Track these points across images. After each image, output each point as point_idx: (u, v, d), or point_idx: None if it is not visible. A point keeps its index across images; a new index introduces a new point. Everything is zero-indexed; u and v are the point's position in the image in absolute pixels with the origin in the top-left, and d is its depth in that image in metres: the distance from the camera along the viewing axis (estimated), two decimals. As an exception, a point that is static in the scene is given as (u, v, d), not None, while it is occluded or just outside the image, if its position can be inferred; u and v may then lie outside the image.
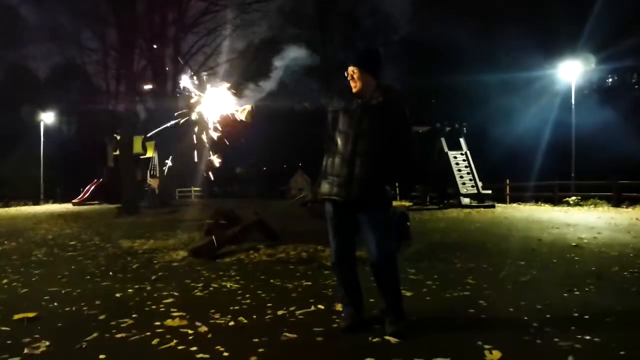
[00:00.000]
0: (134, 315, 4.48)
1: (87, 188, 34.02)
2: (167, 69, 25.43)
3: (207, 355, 3.47)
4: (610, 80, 40.04)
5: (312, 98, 4.26)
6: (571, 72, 27.33)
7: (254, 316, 4.42)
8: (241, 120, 4.26)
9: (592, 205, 20.48)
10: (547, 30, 33.53)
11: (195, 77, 4.44)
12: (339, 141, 3.92)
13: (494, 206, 21.00)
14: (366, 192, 3.84)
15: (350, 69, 3.92)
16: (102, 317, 4.46)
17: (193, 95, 4.47)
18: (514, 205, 22.98)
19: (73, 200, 32.15)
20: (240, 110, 4.21)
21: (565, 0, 35.21)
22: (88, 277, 6.52)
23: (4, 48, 32.74)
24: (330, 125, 4.01)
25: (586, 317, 4.30)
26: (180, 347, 3.64)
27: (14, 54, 34.60)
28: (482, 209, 19.88)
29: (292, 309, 4.62)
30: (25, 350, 3.61)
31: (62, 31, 27.45)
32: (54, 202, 34.41)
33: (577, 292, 5.25)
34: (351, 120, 3.88)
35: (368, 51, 4.07)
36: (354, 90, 3.93)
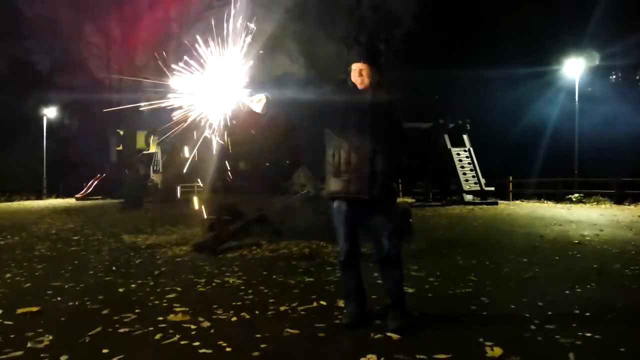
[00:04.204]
0: (137, 310, 4.49)
1: (90, 183, 34.09)
2: (170, 63, 25.39)
3: (209, 351, 3.48)
4: (613, 77, 39.95)
5: (316, 92, 4.21)
6: (575, 68, 27.29)
7: (257, 312, 4.44)
8: (254, 112, 3.98)
9: (595, 203, 20.48)
10: (551, 27, 33.45)
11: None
12: (354, 138, 3.88)
13: (496, 203, 20.99)
14: (384, 189, 3.86)
15: (359, 65, 3.91)
16: (105, 311, 4.48)
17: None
18: (517, 202, 22.96)
19: (76, 195, 32.21)
20: (256, 100, 3.89)
21: (569, -4, 35.12)
22: (91, 271, 6.54)
23: (6, 41, 32.74)
24: (338, 122, 3.96)
25: (587, 314, 4.31)
26: (183, 342, 3.66)
27: (16, 47, 34.58)
28: (485, 206, 19.88)
29: (294, 304, 4.64)
30: (29, 344, 3.63)
31: (64, 25, 27.40)
32: (57, 196, 34.47)
33: (578, 289, 5.25)
34: (364, 116, 3.86)
35: (373, 47, 4.07)
36: (360, 86, 3.93)
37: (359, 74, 3.92)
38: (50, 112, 39.19)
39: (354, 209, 3.94)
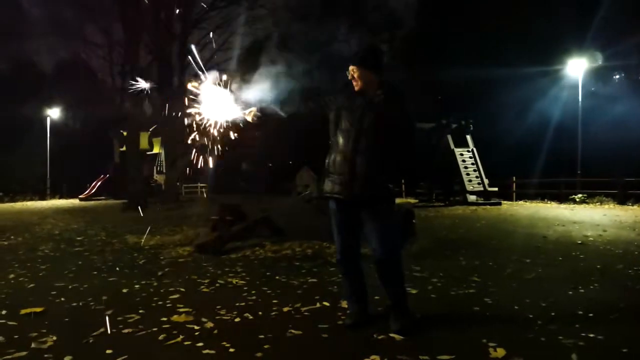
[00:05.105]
0: (140, 311, 4.51)
1: (93, 183, 34.16)
2: (173, 64, 25.42)
3: (213, 351, 3.49)
4: (617, 77, 39.85)
5: (315, 95, 4.27)
6: (578, 68, 27.25)
7: (260, 312, 4.45)
8: (248, 122, 4.38)
9: (598, 203, 20.47)
10: (554, 27, 33.36)
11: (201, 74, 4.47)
12: (341, 139, 3.93)
13: (500, 203, 20.97)
14: (368, 190, 3.84)
15: (351, 68, 3.93)
16: (108, 312, 4.49)
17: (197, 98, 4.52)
18: (520, 202, 22.94)
19: (79, 196, 32.28)
20: (247, 112, 4.32)
21: (572, -4, 35.06)
22: (95, 272, 6.55)
23: (10, 42, 32.82)
24: (333, 124, 4.02)
25: (590, 314, 4.31)
26: (186, 343, 3.67)
27: (20, 48, 34.68)
28: (488, 206, 19.86)
29: (297, 305, 4.64)
30: (32, 345, 3.64)
31: (67, 25, 27.49)
32: (60, 197, 34.53)
33: (581, 290, 5.25)
34: (353, 118, 3.90)
35: (367, 50, 4.07)
36: (356, 88, 3.95)
37: (351, 76, 3.95)
38: (53, 113, 39.24)
39: (345, 209, 3.96)
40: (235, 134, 4.53)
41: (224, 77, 4.41)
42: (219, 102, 4.41)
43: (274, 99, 4.40)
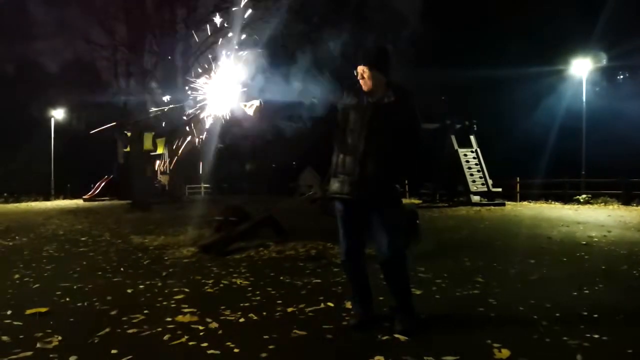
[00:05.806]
0: (145, 311, 4.51)
1: (97, 184, 34.21)
2: (177, 65, 25.47)
3: (217, 352, 3.50)
4: (621, 77, 39.81)
5: (321, 95, 4.25)
6: (582, 68, 27.21)
7: (264, 313, 4.45)
8: (249, 116, 4.28)
9: (603, 203, 20.42)
10: (558, 28, 33.35)
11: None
12: (350, 139, 3.91)
13: (504, 204, 20.93)
14: (376, 191, 3.84)
15: (360, 68, 3.91)
16: (113, 312, 4.50)
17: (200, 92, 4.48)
18: (524, 203, 22.90)
19: (84, 196, 32.33)
20: (248, 105, 4.21)
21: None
22: (99, 272, 6.56)
23: (14, 43, 32.87)
24: (340, 124, 4.00)
25: (595, 315, 4.30)
26: (191, 343, 3.67)
27: (24, 49, 34.71)
28: (492, 207, 19.83)
29: (301, 306, 4.64)
30: (38, 345, 3.65)
31: (71, 27, 27.48)
32: (65, 197, 34.58)
33: (586, 291, 5.24)
34: (362, 118, 3.88)
35: (377, 50, 4.05)
36: (364, 89, 3.93)
37: (361, 76, 3.94)
38: (57, 114, 39.32)
39: (352, 210, 3.96)
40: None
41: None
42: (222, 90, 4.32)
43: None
